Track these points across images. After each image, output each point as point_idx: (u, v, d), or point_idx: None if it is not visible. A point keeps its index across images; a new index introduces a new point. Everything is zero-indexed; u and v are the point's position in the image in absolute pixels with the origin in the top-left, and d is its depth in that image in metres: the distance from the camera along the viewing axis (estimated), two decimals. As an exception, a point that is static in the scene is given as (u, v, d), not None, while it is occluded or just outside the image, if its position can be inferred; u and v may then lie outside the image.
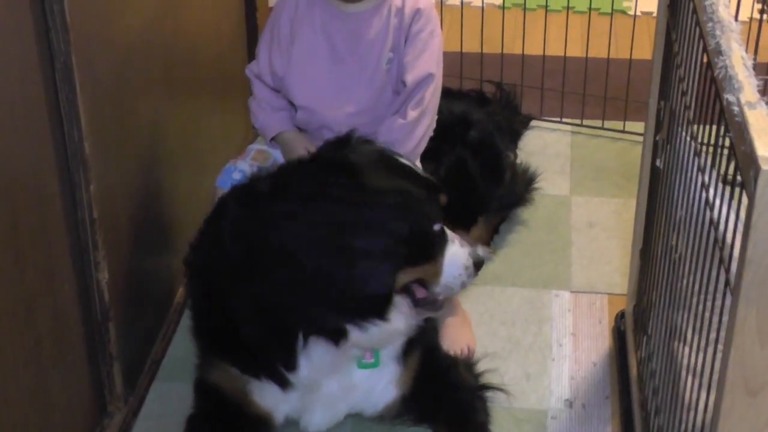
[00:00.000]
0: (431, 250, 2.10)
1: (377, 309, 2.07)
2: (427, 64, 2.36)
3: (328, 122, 2.37)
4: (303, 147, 2.33)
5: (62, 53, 1.91)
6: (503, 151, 2.99)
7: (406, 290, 2.11)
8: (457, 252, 2.12)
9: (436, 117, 2.44)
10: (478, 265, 2.16)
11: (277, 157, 2.47)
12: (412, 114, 2.35)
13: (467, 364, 2.45)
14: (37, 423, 1.97)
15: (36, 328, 1.93)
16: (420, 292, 2.12)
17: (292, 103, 2.42)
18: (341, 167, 2.08)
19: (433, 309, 2.18)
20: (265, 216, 2.07)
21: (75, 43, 1.92)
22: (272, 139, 2.45)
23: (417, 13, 2.34)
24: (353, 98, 2.36)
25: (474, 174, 2.78)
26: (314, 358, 2.14)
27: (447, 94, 2.82)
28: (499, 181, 2.92)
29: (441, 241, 2.11)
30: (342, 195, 2.03)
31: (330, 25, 2.32)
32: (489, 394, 2.40)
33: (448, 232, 2.15)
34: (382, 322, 2.09)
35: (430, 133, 2.42)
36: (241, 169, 2.45)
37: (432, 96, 2.38)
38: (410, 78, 2.34)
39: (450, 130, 2.55)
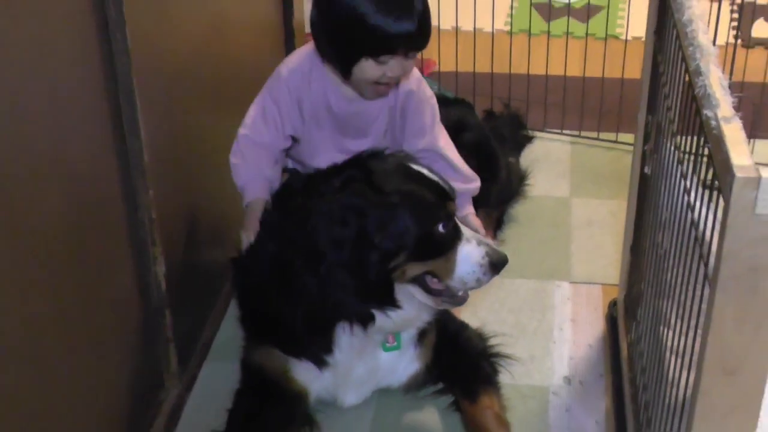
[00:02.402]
0: (437, 248, 2.07)
1: (384, 296, 2.09)
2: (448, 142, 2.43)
3: None
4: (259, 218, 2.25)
5: (125, 76, 1.92)
6: (498, 152, 2.97)
7: (419, 281, 2.10)
8: (471, 250, 2.09)
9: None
10: (497, 264, 2.11)
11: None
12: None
13: (476, 332, 2.46)
14: (101, 398, 1.98)
15: (99, 315, 1.95)
16: (434, 284, 2.11)
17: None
18: (360, 171, 2.09)
19: (453, 302, 2.16)
20: (295, 212, 2.10)
21: (135, 67, 1.93)
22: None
23: (410, 94, 2.30)
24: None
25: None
26: (344, 342, 2.16)
27: (445, 102, 2.82)
28: (495, 179, 2.90)
29: (450, 240, 2.08)
30: (353, 193, 2.04)
31: (338, 105, 2.26)
32: (497, 359, 2.41)
33: (467, 231, 2.12)
34: (396, 309, 2.10)
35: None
36: None
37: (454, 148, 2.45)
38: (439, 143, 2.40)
39: (448, 133, 2.54)
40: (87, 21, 1.81)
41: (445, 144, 2.41)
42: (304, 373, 2.24)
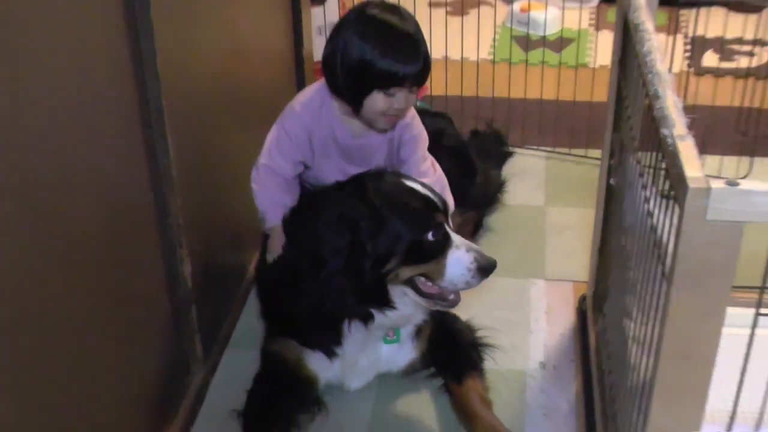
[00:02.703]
0: (428, 253, 2.05)
1: (380, 298, 2.09)
2: (434, 168, 2.37)
3: None
4: (281, 242, 2.24)
5: (155, 98, 1.93)
6: (473, 158, 2.96)
7: (412, 284, 2.09)
8: (461, 256, 2.06)
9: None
10: (485, 268, 2.07)
11: None
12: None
13: (466, 324, 2.45)
14: (136, 382, 1.99)
15: (133, 309, 1.95)
16: (426, 287, 2.10)
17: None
18: (356, 187, 2.09)
19: (445, 305, 2.13)
20: (302, 223, 2.13)
21: (164, 90, 1.94)
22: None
23: (406, 127, 2.27)
24: None
25: (447, 171, 2.66)
26: (349, 336, 2.18)
27: (428, 114, 2.81)
28: (471, 180, 2.90)
29: (440, 247, 2.06)
30: (347, 207, 2.05)
31: (344, 139, 2.24)
32: (483, 348, 2.42)
33: (457, 239, 2.09)
34: (392, 309, 2.11)
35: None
36: None
37: (441, 172, 2.39)
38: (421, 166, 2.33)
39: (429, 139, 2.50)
40: (122, 49, 1.81)
41: (420, 173, 2.34)
42: (315, 362, 2.25)
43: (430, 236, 2.04)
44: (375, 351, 2.28)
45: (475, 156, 2.98)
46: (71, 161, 1.63)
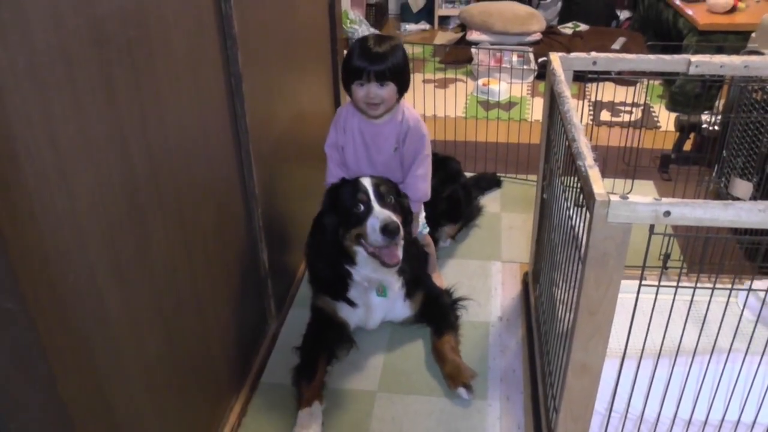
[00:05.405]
0: (358, 219, 2.02)
1: (347, 257, 2.10)
2: (423, 166, 2.23)
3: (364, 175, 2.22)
4: None
5: (246, 144, 1.94)
6: (473, 193, 2.98)
7: (362, 245, 2.06)
8: (373, 221, 1.99)
9: (430, 174, 2.29)
10: (384, 229, 1.95)
11: None
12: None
13: (447, 291, 2.44)
14: (234, 329, 1.99)
15: (232, 281, 1.95)
16: (367, 247, 2.05)
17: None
18: (334, 190, 2.15)
19: (386, 264, 2.03)
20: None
21: (252, 139, 1.95)
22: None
23: (410, 128, 2.18)
24: (375, 166, 2.22)
25: (461, 199, 2.74)
26: (353, 291, 2.19)
27: (438, 155, 2.79)
28: (468, 206, 2.92)
29: (365, 215, 2.01)
30: (324, 199, 2.14)
31: (362, 128, 2.19)
32: (459, 307, 2.40)
33: (378, 211, 2.01)
34: (356, 266, 2.11)
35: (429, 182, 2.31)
36: None
37: (427, 171, 2.26)
38: (415, 166, 2.23)
39: (450, 177, 2.66)
40: (225, 112, 1.82)
41: (415, 171, 2.23)
42: (344, 311, 2.24)
43: (356, 209, 2.03)
44: (372, 300, 2.22)
45: (467, 182, 2.96)
46: (197, 184, 1.64)
